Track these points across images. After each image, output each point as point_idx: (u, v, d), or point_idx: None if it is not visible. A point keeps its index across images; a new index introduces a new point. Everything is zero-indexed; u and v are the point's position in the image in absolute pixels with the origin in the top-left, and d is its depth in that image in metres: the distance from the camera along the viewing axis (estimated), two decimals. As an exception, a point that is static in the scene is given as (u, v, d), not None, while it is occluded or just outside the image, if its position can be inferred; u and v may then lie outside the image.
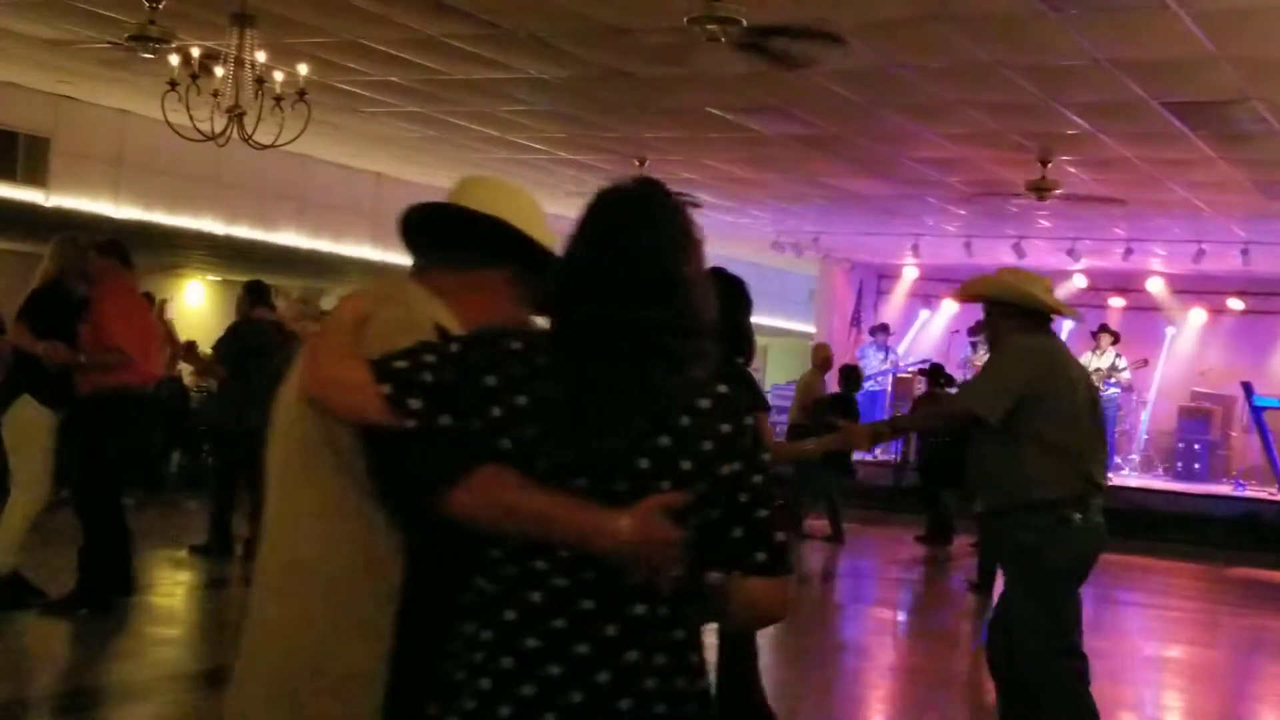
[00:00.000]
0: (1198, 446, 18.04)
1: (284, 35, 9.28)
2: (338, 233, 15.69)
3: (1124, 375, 17.48)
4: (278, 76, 8.97)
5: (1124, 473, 17.53)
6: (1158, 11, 7.73)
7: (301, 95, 8.95)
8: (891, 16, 8.20)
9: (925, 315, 20.95)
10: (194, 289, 19.83)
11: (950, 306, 20.38)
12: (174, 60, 8.80)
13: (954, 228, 17.11)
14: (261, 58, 8.79)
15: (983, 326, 5.83)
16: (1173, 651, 9.77)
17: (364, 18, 9.02)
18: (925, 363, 16.62)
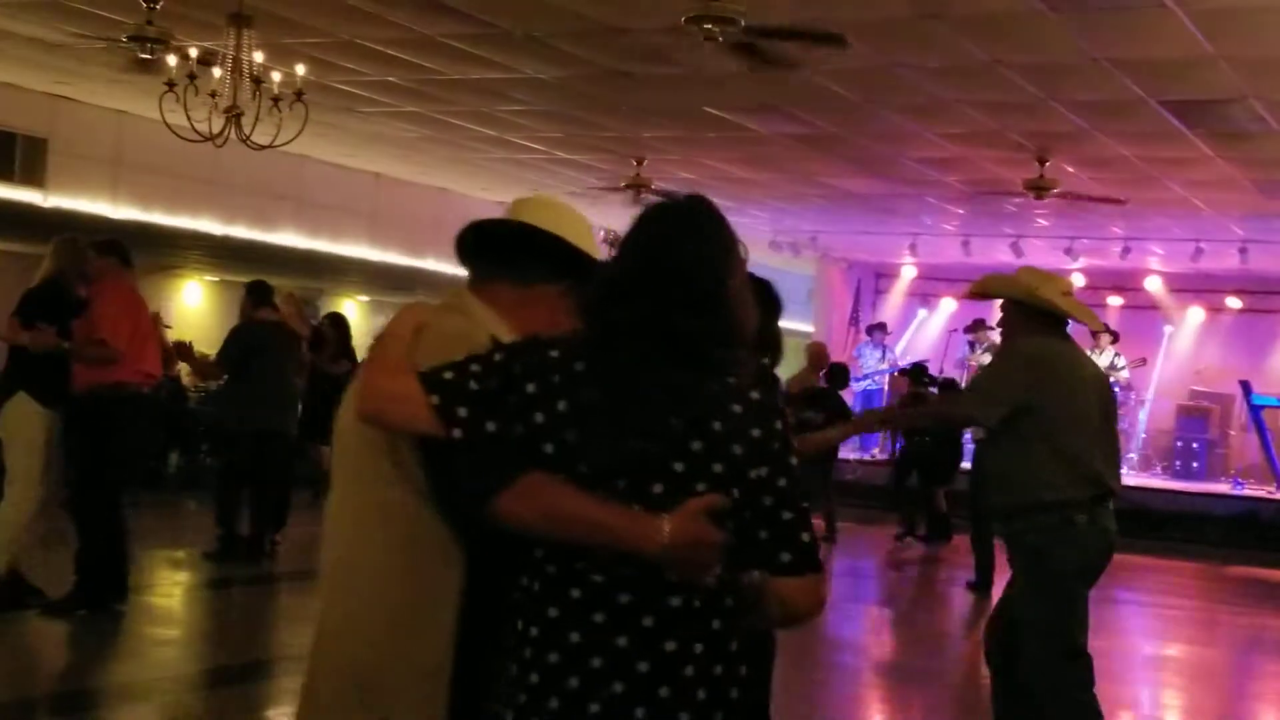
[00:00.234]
0: (1196, 445, 18.04)
1: (281, 35, 9.28)
2: (336, 233, 15.67)
3: (1122, 374, 17.48)
4: (275, 77, 8.97)
5: (1123, 471, 17.51)
6: (1156, 10, 7.73)
7: (299, 95, 8.96)
8: (889, 16, 8.20)
9: (923, 314, 20.95)
10: (192, 289, 19.81)
11: (948, 306, 20.39)
12: (171, 61, 8.79)
13: (952, 227, 17.10)
14: (259, 58, 8.80)
15: (979, 325, 5.85)
16: (1171, 650, 9.78)
17: (361, 18, 9.02)
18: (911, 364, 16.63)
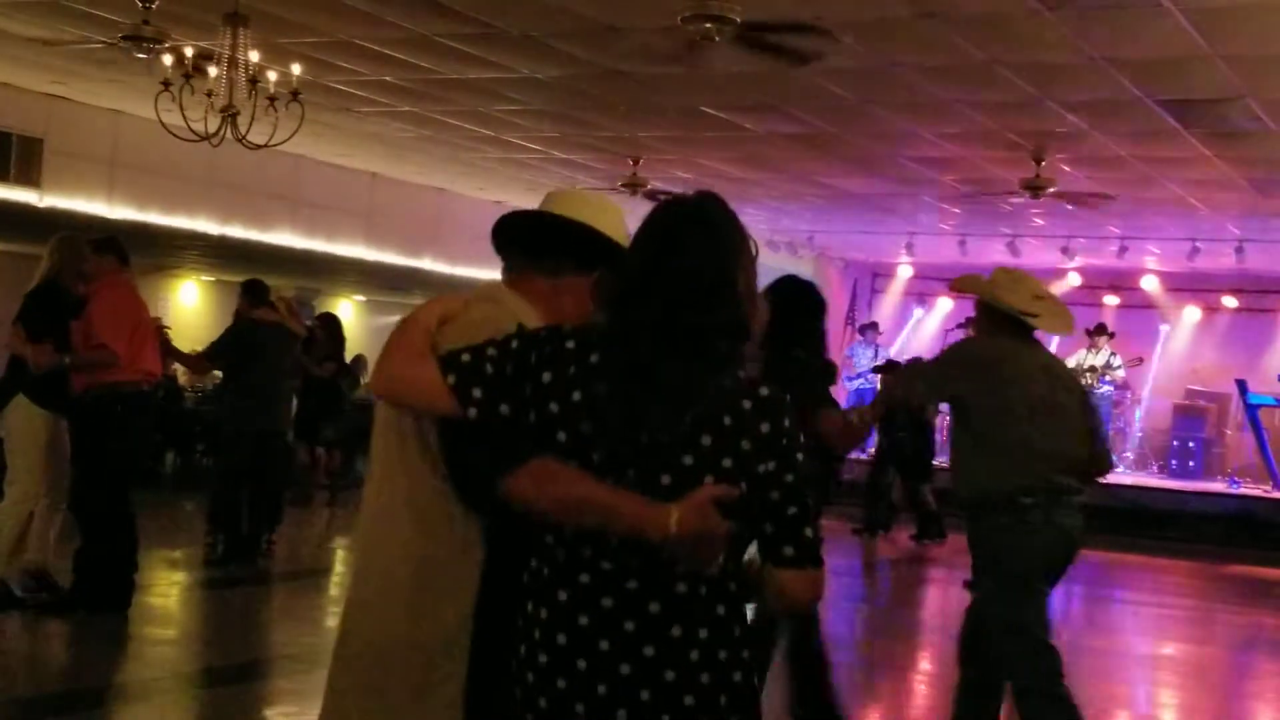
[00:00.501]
0: (1192, 444, 18.06)
1: (277, 35, 9.27)
2: (332, 232, 15.65)
3: (1118, 373, 17.50)
4: (271, 76, 8.96)
5: (1119, 470, 17.54)
6: (1151, 9, 7.73)
7: (295, 95, 8.96)
8: (885, 15, 8.19)
9: (919, 314, 20.97)
10: (188, 289, 19.81)
11: (945, 305, 20.41)
12: (167, 60, 8.78)
13: (948, 226, 17.11)
14: (255, 57, 8.78)
15: (970, 322, 5.89)
16: (1167, 649, 9.78)
17: (357, 17, 9.01)
18: (886, 361, 16.64)
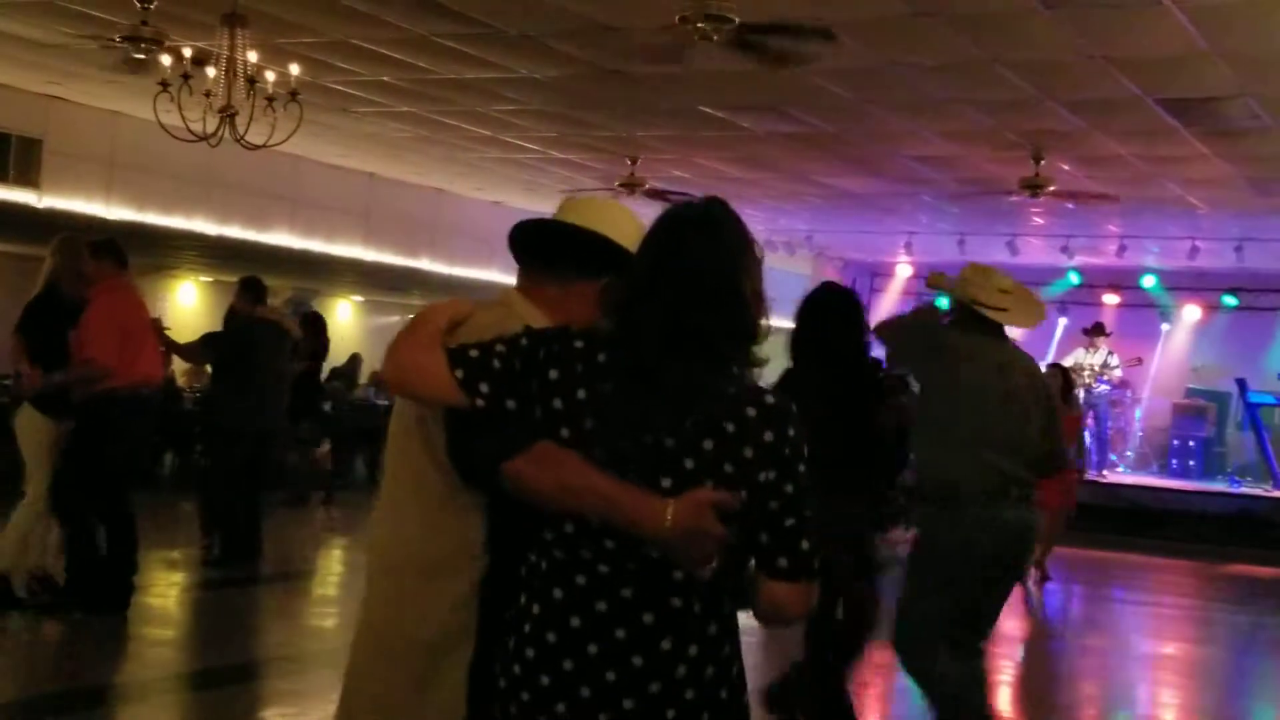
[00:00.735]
0: (1193, 443, 18.05)
1: (275, 35, 9.26)
2: (330, 233, 15.64)
3: (1115, 373, 17.49)
4: (269, 77, 8.95)
5: (1119, 470, 17.54)
6: (1151, 8, 7.72)
7: (293, 95, 8.95)
8: (884, 13, 8.18)
9: (919, 313, 20.91)
10: (186, 290, 19.78)
11: (944, 304, 20.37)
12: (166, 61, 8.78)
13: (947, 225, 17.09)
14: (253, 58, 8.77)
15: None
16: (1168, 649, 9.77)
17: (355, 17, 9.00)
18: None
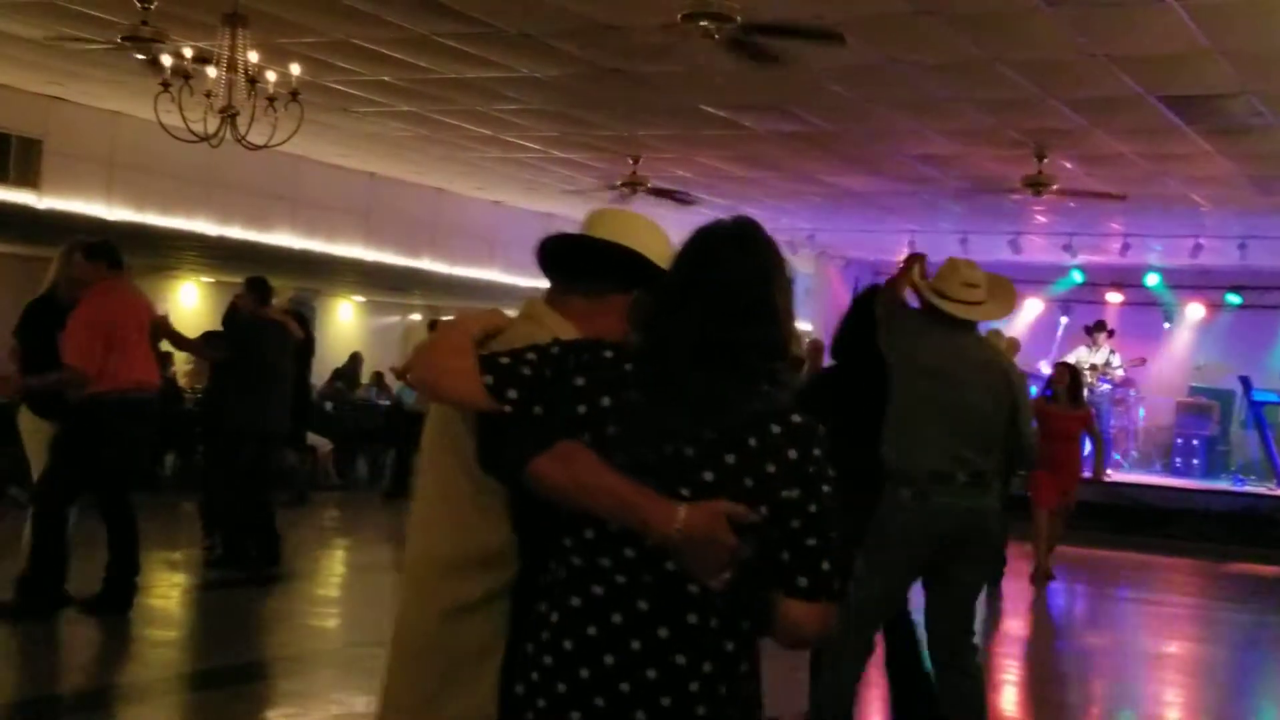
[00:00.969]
0: (1196, 442, 18.01)
1: (276, 35, 9.25)
2: (331, 233, 15.64)
3: (1117, 371, 17.47)
4: (270, 76, 8.94)
5: (1122, 468, 17.52)
6: (1153, 5, 7.71)
7: (294, 95, 8.94)
8: (886, 12, 8.17)
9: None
10: (187, 290, 19.78)
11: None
12: (166, 61, 8.77)
13: (950, 224, 17.06)
14: (254, 58, 8.76)
15: None
16: (1171, 647, 9.75)
17: (356, 17, 8.99)
18: None
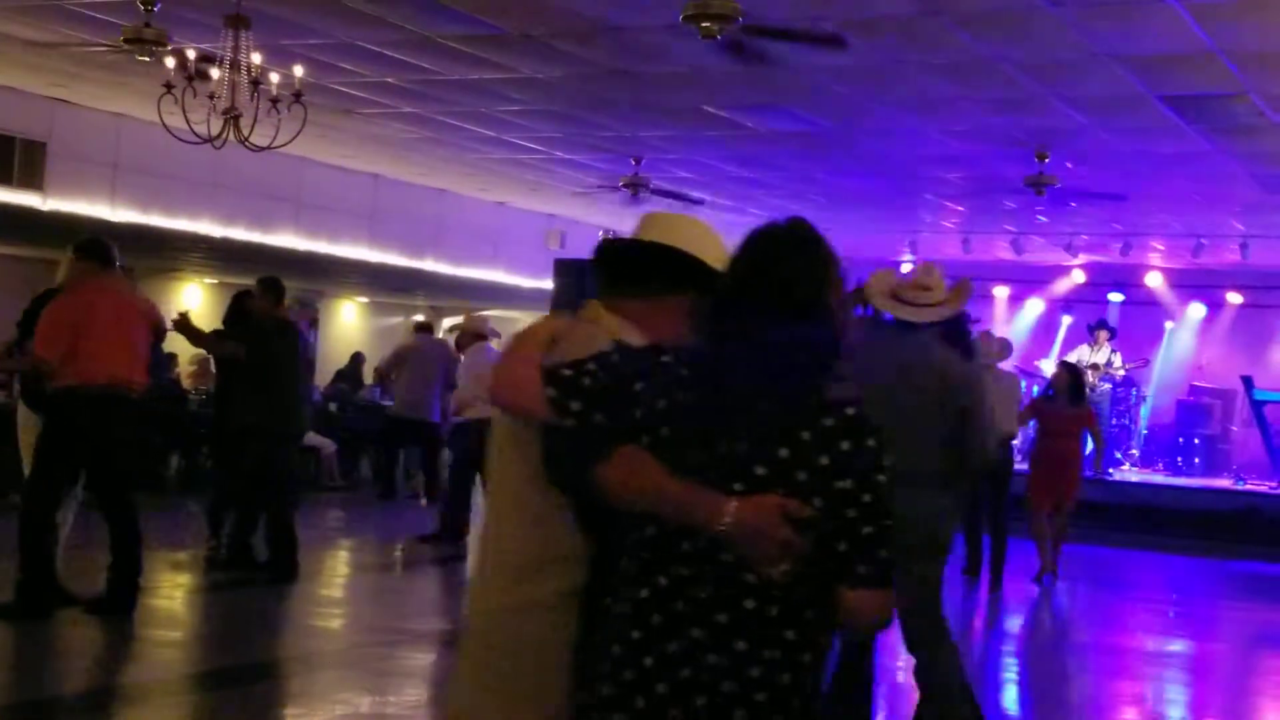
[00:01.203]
0: (1197, 441, 18.02)
1: (279, 37, 9.27)
2: (335, 234, 15.66)
3: (1119, 371, 17.48)
4: (274, 78, 8.95)
5: (1124, 467, 17.52)
6: (1155, 5, 7.72)
7: (298, 97, 8.94)
8: (889, 12, 8.19)
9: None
10: (191, 292, 19.79)
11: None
12: (170, 63, 8.78)
13: (952, 224, 17.08)
14: (257, 60, 8.78)
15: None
16: (1173, 646, 9.75)
17: (359, 19, 9.01)
18: None
